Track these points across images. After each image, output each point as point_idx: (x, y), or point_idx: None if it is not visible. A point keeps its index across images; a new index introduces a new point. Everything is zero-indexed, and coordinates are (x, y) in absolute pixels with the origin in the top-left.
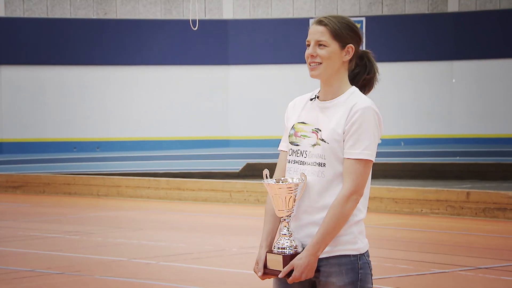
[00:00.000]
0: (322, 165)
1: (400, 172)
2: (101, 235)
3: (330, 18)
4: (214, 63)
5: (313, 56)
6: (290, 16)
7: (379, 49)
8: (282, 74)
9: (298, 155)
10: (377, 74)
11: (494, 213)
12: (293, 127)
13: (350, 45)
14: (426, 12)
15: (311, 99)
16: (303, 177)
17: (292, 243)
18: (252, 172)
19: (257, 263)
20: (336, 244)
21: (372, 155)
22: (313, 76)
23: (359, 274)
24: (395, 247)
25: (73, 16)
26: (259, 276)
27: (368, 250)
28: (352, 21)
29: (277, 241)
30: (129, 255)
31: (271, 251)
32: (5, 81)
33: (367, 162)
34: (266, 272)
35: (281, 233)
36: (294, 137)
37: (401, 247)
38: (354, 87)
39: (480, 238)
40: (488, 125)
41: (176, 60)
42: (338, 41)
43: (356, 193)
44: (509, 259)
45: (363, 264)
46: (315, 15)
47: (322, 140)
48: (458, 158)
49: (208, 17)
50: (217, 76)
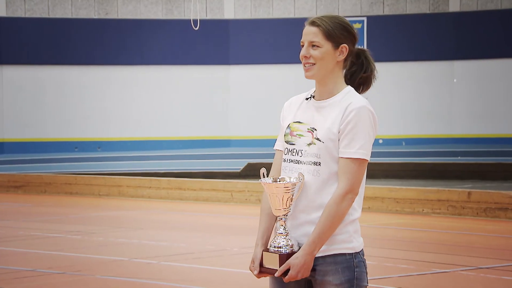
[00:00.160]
0: (318, 164)
1: (401, 172)
2: (102, 235)
3: (323, 19)
4: (215, 63)
5: (307, 57)
6: (291, 16)
7: (380, 49)
8: (283, 74)
9: (294, 154)
10: (375, 72)
11: (495, 213)
12: (289, 126)
13: (344, 45)
14: (427, 12)
15: (307, 99)
16: (301, 177)
17: (289, 242)
18: (253, 172)
19: (253, 262)
20: (332, 243)
21: (367, 154)
22: (308, 77)
23: (355, 273)
24: (396, 247)
25: (74, 16)
26: (255, 275)
27: (363, 249)
28: (347, 21)
29: (274, 240)
30: (130, 255)
31: (267, 250)
32: (6, 81)
33: (362, 161)
34: (262, 271)
35: (278, 232)
36: (290, 136)
37: (402, 247)
38: (350, 87)
39: (481, 238)
40: (489, 125)
41: (177, 60)
42: (331, 41)
43: (351, 192)
44: (510, 259)
45: (359, 263)
46: (317, 15)
47: (318, 139)
48: (459, 158)
49: (209, 17)
50: (218, 76)
